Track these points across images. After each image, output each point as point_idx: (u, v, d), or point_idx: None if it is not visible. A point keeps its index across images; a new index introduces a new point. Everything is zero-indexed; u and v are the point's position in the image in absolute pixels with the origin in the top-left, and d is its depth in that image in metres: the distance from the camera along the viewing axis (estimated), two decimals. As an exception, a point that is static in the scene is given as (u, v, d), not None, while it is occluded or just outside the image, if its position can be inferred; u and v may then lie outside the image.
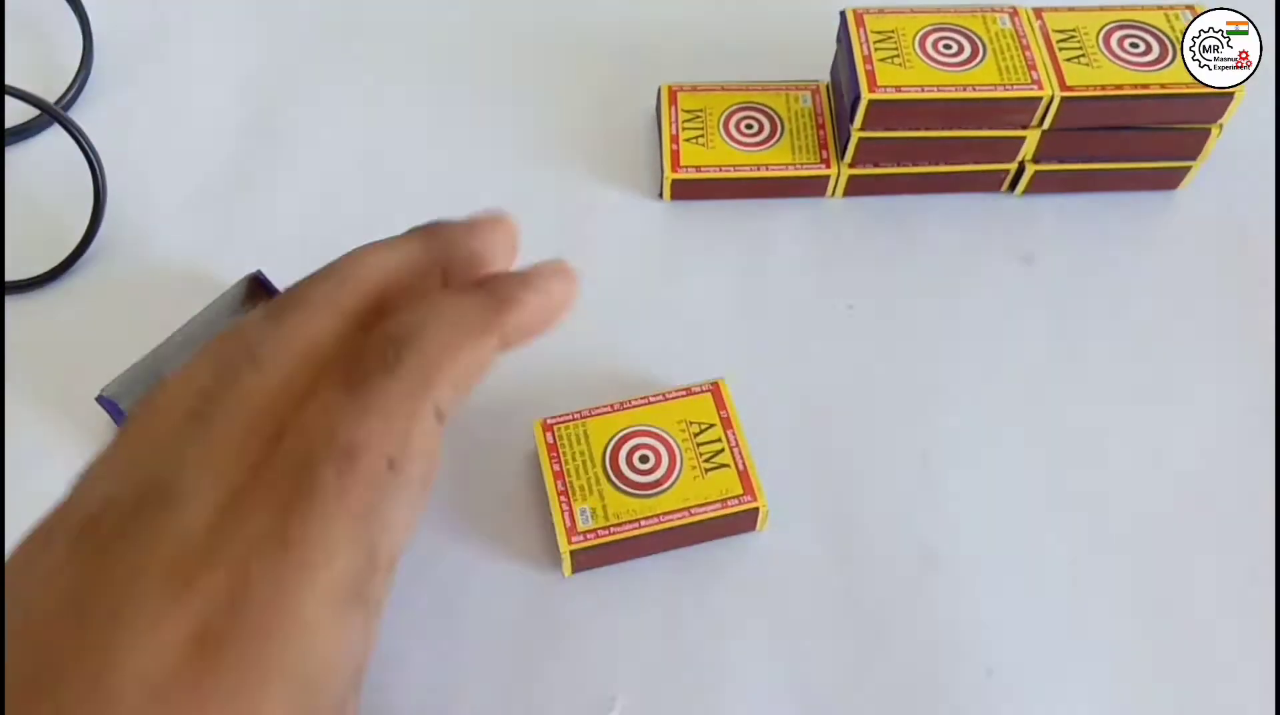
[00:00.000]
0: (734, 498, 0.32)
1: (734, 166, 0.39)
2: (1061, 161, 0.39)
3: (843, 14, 0.38)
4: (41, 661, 0.20)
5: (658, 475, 0.32)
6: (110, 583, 0.21)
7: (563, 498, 0.32)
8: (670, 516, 0.31)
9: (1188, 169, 0.39)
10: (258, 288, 0.37)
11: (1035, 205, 0.40)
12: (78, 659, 0.20)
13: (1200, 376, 0.36)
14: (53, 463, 0.34)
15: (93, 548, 0.21)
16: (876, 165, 0.39)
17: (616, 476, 0.32)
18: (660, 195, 0.40)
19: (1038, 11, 0.38)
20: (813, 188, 0.40)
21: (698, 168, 0.39)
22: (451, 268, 0.27)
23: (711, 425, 0.33)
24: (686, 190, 0.39)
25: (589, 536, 0.31)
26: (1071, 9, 0.39)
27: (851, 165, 0.39)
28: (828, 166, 0.39)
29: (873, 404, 0.36)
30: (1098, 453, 0.35)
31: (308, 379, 0.24)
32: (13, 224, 0.39)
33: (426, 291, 0.26)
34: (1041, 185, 0.40)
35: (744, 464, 0.32)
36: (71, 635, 0.20)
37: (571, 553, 0.31)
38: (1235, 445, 0.35)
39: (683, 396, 0.34)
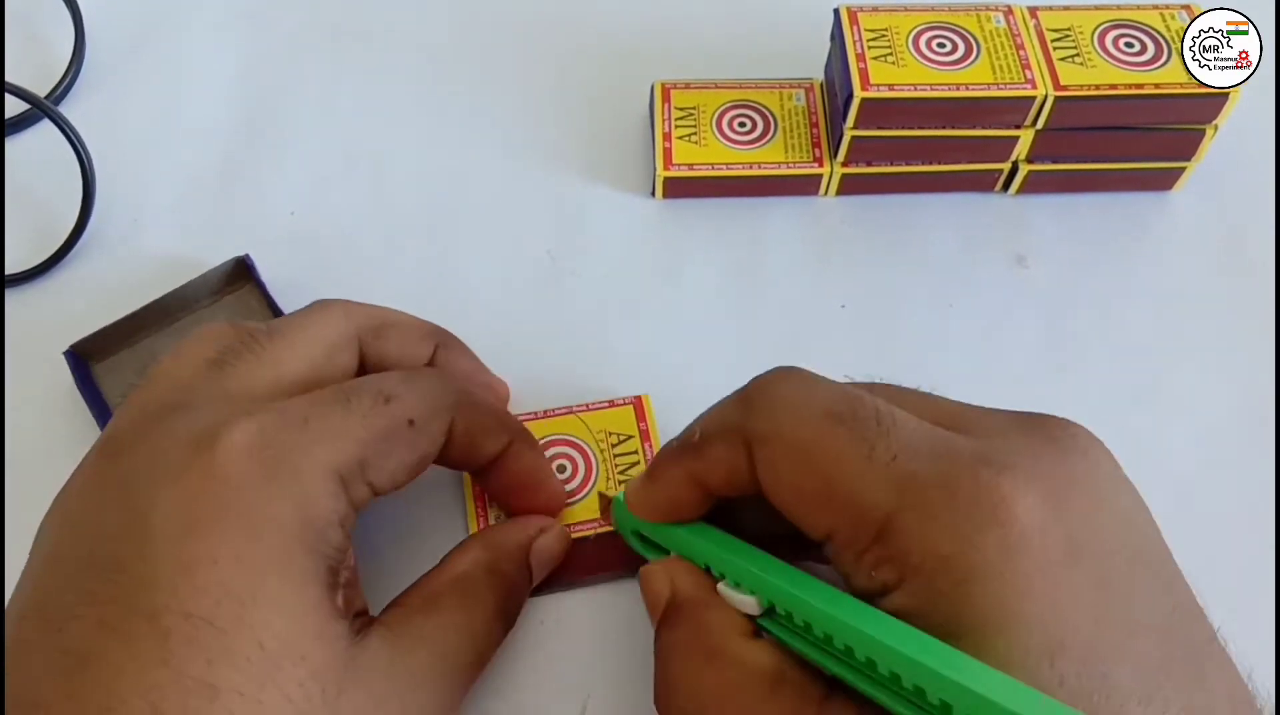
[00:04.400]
0: None
1: (726, 164, 0.39)
2: (1055, 161, 0.39)
3: (836, 11, 0.38)
4: (88, 540, 0.24)
5: (572, 486, 0.32)
6: (138, 466, 0.24)
7: (478, 503, 0.32)
8: (581, 526, 0.31)
9: (1182, 170, 0.39)
10: (243, 271, 0.37)
11: (1029, 205, 0.40)
12: (120, 518, 0.24)
13: (1195, 378, 0.36)
14: (45, 457, 0.34)
15: (116, 449, 0.25)
16: (869, 164, 0.39)
17: None
18: (652, 193, 0.40)
19: (1032, 10, 0.38)
20: (805, 186, 0.39)
21: (690, 165, 0.39)
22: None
23: (630, 437, 0.33)
24: (679, 188, 0.39)
25: None
26: (1066, 8, 0.38)
27: (844, 164, 0.39)
28: (820, 165, 0.39)
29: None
30: (1089, 454, 0.34)
31: (324, 364, 0.28)
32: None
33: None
34: (1035, 185, 0.39)
35: None
36: (114, 506, 0.24)
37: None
38: (1232, 448, 0.35)
39: (605, 407, 0.34)
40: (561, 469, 0.32)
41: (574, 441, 0.33)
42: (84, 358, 0.35)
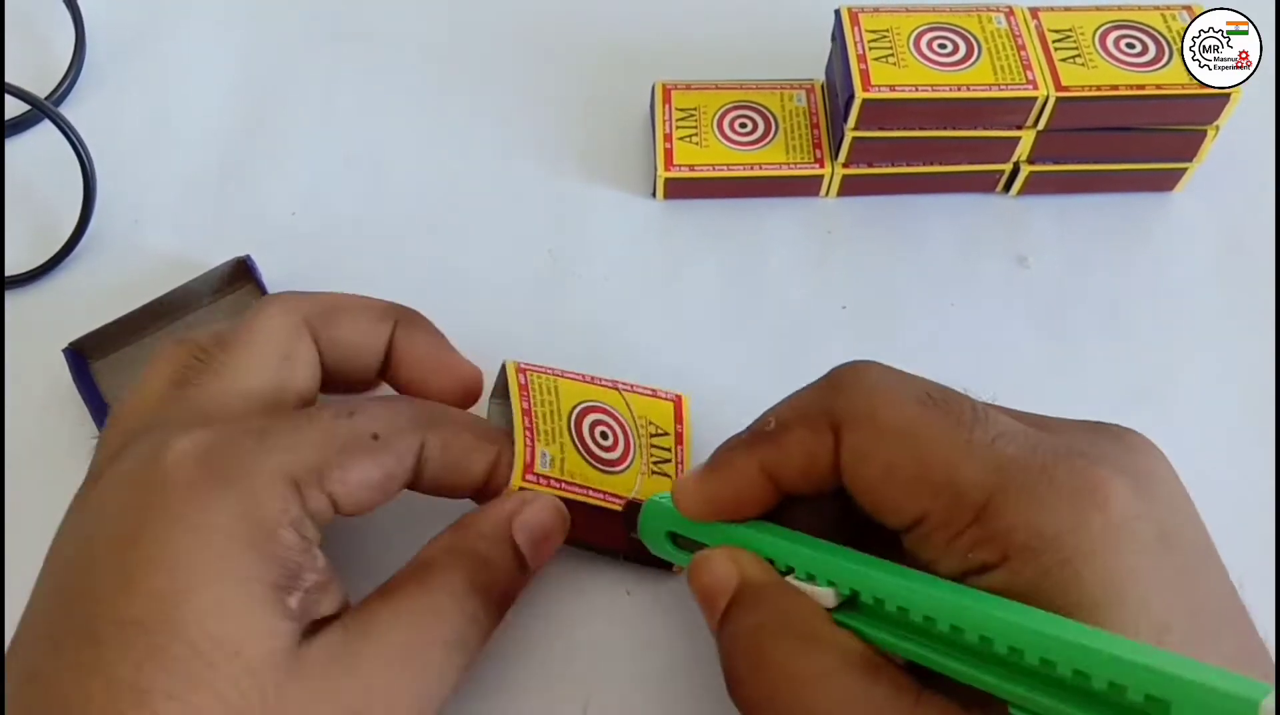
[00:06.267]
0: None
1: (727, 165, 0.39)
2: (1056, 162, 0.39)
3: (837, 12, 0.38)
4: (54, 572, 0.25)
5: (615, 455, 0.31)
6: (102, 491, 0.25)
7: (528, 433, 0.30)
8: (617, 498, 0.30)
9: (1184, 170, 0.39)
10: (243, 271, 0.37)
11: (1030, 206, 0.40)
12: (76, 544, 0.25)
13: (1197, 378, 0.36)
14: (45, 458, 0.34)
15: (88, 483, 0.26)
16: (870, 165, 0.39)
17: (578, 439, 0.31)
18: (653, 194, 0.40)
19: (1033, 11, 0.38)
20: (806, 187, 0.39)
21: (691, 166, 0.39)
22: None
23: (666, 433, 0.33)
24: (679, 189, 0.39)
25: (543, 481, 0.30)
26: (1068, 9, 0.38)
27: (845, 165, 0.39)
28: (821, 166, 0.39)
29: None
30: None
31: (283, 368, 0.28)
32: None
33: None
34: (1036, 186, 0.39)
35: None
36: (72, 535, 0.25)
37: (522, 489, 0.30)
38: (1233, 447, 0.35)
39: (649, 396, 0.33)
40: (604, 436, 0.32)
41: (615, 414, 0.32)
42: (83, 355, 0.35)
